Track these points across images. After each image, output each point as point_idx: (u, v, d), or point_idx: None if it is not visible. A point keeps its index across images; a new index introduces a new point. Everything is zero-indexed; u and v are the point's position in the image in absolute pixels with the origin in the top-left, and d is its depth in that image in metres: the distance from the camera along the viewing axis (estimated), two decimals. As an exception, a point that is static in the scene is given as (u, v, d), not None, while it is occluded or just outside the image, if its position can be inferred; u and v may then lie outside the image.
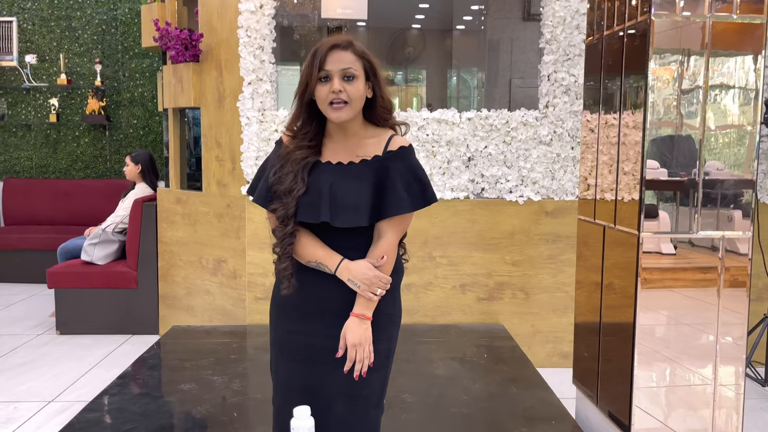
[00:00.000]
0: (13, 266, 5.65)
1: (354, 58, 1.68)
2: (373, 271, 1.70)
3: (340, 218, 1.69)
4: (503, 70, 6.07)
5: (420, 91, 7.00)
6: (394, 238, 1.73)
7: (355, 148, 1.75)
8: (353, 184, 1.71)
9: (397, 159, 1.71)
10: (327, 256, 1.73)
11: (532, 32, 5.99)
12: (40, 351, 3.89)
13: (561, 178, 3.59)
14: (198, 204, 3.88)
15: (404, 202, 1.69)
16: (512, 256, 3.64)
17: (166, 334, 3.47)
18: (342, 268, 1.71)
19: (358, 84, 1.67)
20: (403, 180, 1.69)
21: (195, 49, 3.74)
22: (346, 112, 1.68)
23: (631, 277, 2.40)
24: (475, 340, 3.48)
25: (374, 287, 1.70)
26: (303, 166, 1.72)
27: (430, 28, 6.57)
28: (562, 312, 3.66)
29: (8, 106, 6.17)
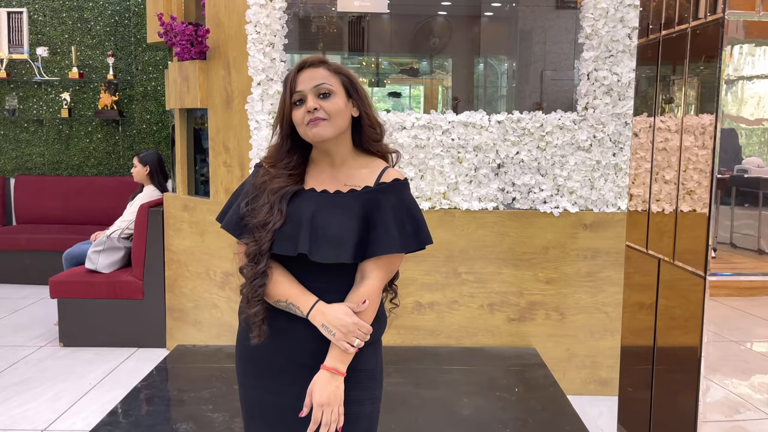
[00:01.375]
0: (23, 267, 5.47)
1: (327, 73, 1.50)
2: (351, 317, 1.46)
3: (321, 252, 1.45)
4: (535, 61, 5.70)
5: (445, 81, 6.65)
6: (378, 281, 1.49)
7: (344, 178, 1.53)
8: (338, 215, 1.47)
9: (390, 192, 1.50)
10: (299, 295, 1.48)
11: (565, 21, 5.61)
12: (40, 366, 3.68)
13: (601, 187, 3.24)
14: (205, 212, 3.62)
15: (394, 241, 1.46)
16: (546, 273, 3.31)
17: (169, 356, 3.22)
18: (316, 311, 1.47)
19: (336, 99, 1.48)
20: (396, 216, 1.49)
21: (201, 45, 3.45)
22: (324, 128, 1.47)
23: (693, 307, 2.07)
24: (505, 365, 3.17)
25: (351, 336, 1.45)
26: (281, 196, 1.49)
27: (457, 15, 6.21)
28: (601, 335, 3.33)
29: (19, 100, 5.98)
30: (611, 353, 3.32)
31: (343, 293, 1.51)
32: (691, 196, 2.31)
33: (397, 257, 1.53)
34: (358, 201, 1.49)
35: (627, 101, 3.19)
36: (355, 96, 1.54)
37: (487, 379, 3.07)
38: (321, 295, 1.50)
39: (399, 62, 6.57)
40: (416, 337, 3.35)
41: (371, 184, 1.52)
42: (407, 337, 3.35)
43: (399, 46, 6.28)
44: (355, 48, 5.98)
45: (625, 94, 3.19)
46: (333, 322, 1.45)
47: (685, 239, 2.15)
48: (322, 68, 1.50)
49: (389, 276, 1.54)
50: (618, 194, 3.25)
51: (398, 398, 2.78)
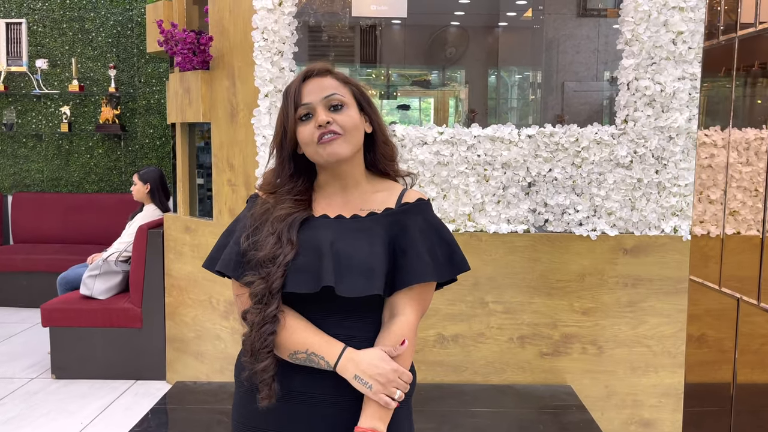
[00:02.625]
0: (19, 289, 5.20)
1: (337, 83, 1.27)
2: (389, 363, 1.19)
3: (348, 284, 1.18)
4: (555, 72, 5.43)
5: (460, 93, 6.38)
6: (414, 317, 1.24)
7: (359, 203, 1.28)
8: (362, 241, 1.22)
9: (415, 213, 1.29)
10: (323, 343, 1.20)
11: (588, 30, 5.36)
12: (30, 402, 3.39)
13: (643, 208, 2.94)
14: (208, 234, 3.33)
15: (428, 267, 1.22)
16: (582, 303, 3.00)
17: (167, 395, 2.92)
18: (345, 359, 1.19)
19: (351, 112, 1.24)
20: (426, 240, 1.27)
21: (204, 54, 3.19)
22: (340, 145, 1.24)
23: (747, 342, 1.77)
24: (537, 406, 2.85)
25: (391, 387, 1.18)
26: (289, 224, 1.23)
27: (473, 24, 5.95)
28: (643, 371, 3.01)
29: (18, 114, 5.74)
30: (654, 391, 3.00)
31: (370, 339, 1.25)
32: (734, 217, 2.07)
33: (429, 288, 1.28)
34: (381, 225, 1.25)
35: (671, 113, 2.89)
36: (367, 109, 1.30)
37: (517, 421, 2.76)
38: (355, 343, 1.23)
39: (410, 74, 6.32)
40: (438, 373, 3.04)
41: (392, 206, 1.28)
42: (428, 373, 3.04)
43: (413, 57, 6.03)
44: (368, 59, 5.72)
45: (669, 106, 2.89)
46: (368, 371, 1.18)
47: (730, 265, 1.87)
48: (330, 77, 1.27)
49: (424, 310, 1.29)
50: (661, 215, 2.95)
51: (422, 447, 2.47)
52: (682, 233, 2.93)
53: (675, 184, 2.92)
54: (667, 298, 2.96)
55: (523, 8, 5.81)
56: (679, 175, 2.91)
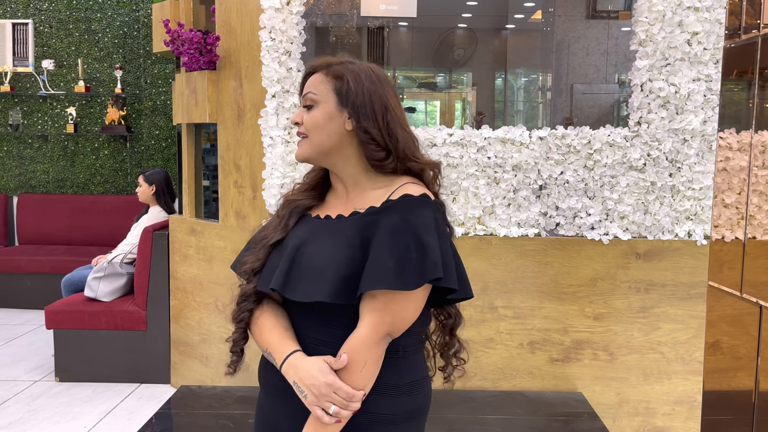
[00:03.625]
0: (23, 291, 5.17)
1: (321, 79, 1.22)
2: (326, 376, 1.11)
3: (297, 288, 1.14)
4: (564, 74, 5.38)
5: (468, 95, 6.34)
6: (371, 329, 1.13)
7: (356, 202, 1.22)
8: (327, 244, 1.16)
9: (393, 212, 1.15)
10: (279, 343, 1.18)
11: (597, 31, 5.31)
12: (32, 405, 3.35)
13: (656, 212, 2.88)
14: (214, 237, 3.29)
15: (386, 274, 1.09)
16: (594, 308, 2.94)
17: (171, 399, 2.88)
18: (288, 363, 1.16)
19: (316, 112, 1.20)
20: (396, 243, 1.12)
21: (211, 54, 3.15)
22: (302, 146, 1.25)
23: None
24: (548, 413, 2.80)
25: (324, 401, 1.11)
26: (291, 210, 1.25)
27: (481, 26, 5.91)
28: (656, 378, 2.95)
29: (23, 115, 5.72)
30: (667, 399, 2.95)
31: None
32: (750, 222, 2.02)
33: (401, 299, 1.14)
34: (357, 225, 1.17)
35: (686, 115, 2.84)
36: (350, 108, 1.21)
37: (527, 429, 2.71)
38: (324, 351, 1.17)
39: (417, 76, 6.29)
40: (447, 378, 2.99)
41: (377, 204, 1.19)
42: (437, 379, 2.98)
43: (420, 59, 5.99)
44: (375, 60, 5.68)
45: (684, 108, 2.84)
46: (305, 380, 1.14)
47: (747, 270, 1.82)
48: (319, 73, 1.24)
49: (392, 324, 1.15)
50: (675, 219, 2.89)
51: (430, 455, 2.42)
52: (697, 237, 2.87)
53: (689, 188, 2.86)
54: (681, 303, 2.90)
55: (532, 10, 5.76)
56: (693, 179, 2.85)
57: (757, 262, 2.06)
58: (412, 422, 1.27)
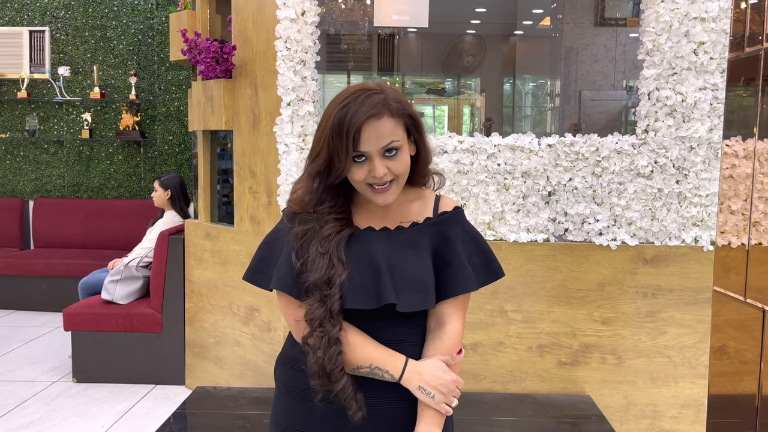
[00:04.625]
0: (39, 294, 5.27)
1: (393, 123, 1.23)
2: (449, 374, 1.25)
3: (405, 299, 1.23)
4: (572, 81, 5.44)
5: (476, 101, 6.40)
6: (461, 325, 1.30)
7: (397, 214, 1.31)
8: (411, 255, 1.26)
9: (455, 222, 1.34)
10: (386, 356, 1.25)
11: (606, 39, 5.36)
12: (51, 405, 3.43)
13: (664, 218, 2.94)
14: (229, 241, 3.37)
15: (471, 278, 1.27)
16: (602, 313, 3.00)
17: (187, 400, 2.95)
18: (410, 371, 1.24)
19: (403, 156, 1.25)
20: (466, 249, 1.33)
21: (227, 63, 3.23)
22: (393, 193, 1.27)
23: None
24: (556, 415, 2.85)
25: (451, 396, 1.24)
26: (337, 243, 1.25)
27: (490, 33, 5.97)
28: (663, 381, 3.00)
29: (40, 121, 5.83)
30: (675, 402, 2.99)
31: (418, 343, 1.31)
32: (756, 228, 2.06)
33: (469, 295, 1.33)
34: (425, 235, 1.30)
35: (692, 123, 2.89)
36: (415, 134, 1.31)
37: (536, 431, 2.76)
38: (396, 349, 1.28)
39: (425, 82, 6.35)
40: (457, 381, 3.05)
41: (431, 215, 1.32)
42: (447, 381, 3.05)
43: (430, 66, 6.06)
44: (385, 67, 5.76)
45: (690, 116, 2.89)
46: (431, 382, 1.24)
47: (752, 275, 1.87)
48: (386, 117, 1.22)
49: (465, 318, 1.34)
50: (682, 225, 2.94)
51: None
52: (703, 243, 2.92)
53: (696, 194, 2.91)
54: (688, 308, 2.95)
55: (540, 17, 5.82)
56: (700, 185, 2.90)
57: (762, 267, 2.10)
58: None
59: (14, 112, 5.84)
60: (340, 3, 4.40)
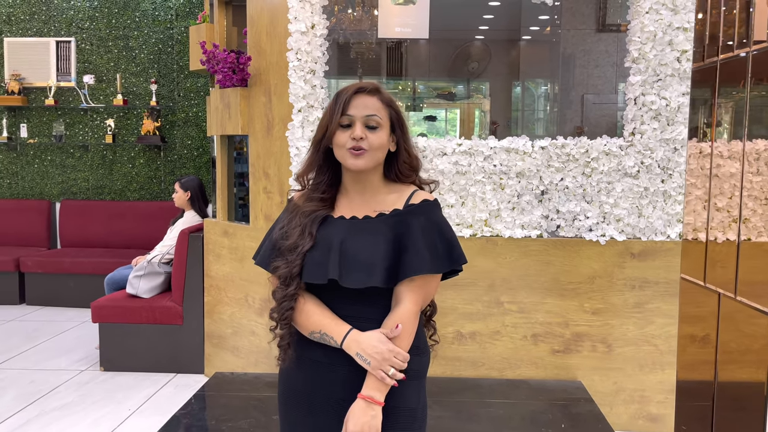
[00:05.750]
0: (66, 290, 5.56)
1: (380, 105, 1.50)
2: (385, 344, 1.43)
3: (351, 277, 1.44)
4: (576, 85, 5.62)
5: (483, 105, 6.60)
6: (412, 305, 1.46)
7: (373, 204, 1.52)
8: (367, 240, 1.46)
9: (419, 213, 1.50)
10: (333, 325, 1.46)
11: (607, 44, 5.54)
12: (80, 391, 3.70)
13: (650, 215, 3.14)
14: (245, 238, 3.61)
15: (424, 262, 1.44)
16: (592, 304, 3.20)
17: (207, 384, 3.20)
18: (349, 339, 1.44)
19: (381, 134, 1.48)
20: (426, 237, 1.47)
21: (243, 72, 3.48)
22: (364, 160, 1.48)
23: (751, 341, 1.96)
24: (549, 399, 3.06)
25: (386, 364, 1.42)
26: (312, 219, 1.50)
27: (496, 39, 6.18)
28: (650, 368, 3.19)
29: (66, 126, 6.13)
30: (661, 388, 3.18)
31: (378, 321, 1.49)
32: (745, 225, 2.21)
33: (431, 280, 1.50)
34: (388, 224, 1.49)
35: (676, 126, 3.09)
36: (398, 131, 1.54)
37: (530, 413, 2.97)
38: (355, 324, 1.47)
39: (436, 86, 6.56)
40: (457, 368, 3.27)
41: (400, 207, 1.51)
42: (447, 368, 3.27)
43: (437, 71, 6.27)
44: (393, 73, 5.99)
45: (674, 119, 3.10)
46: (367, 350, 1.43)
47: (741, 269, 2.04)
48: (376, 98, 1.50)
49: (425, 300, 1.51)
50: (667, 222, 3.14)
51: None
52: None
53: (680, 193, 3.11)
54: (673, 299, 3.14)
55: (544, 24, 6.00)
56: (683, 184, 3.10)
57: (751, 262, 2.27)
58: (424, 378, 1.58)
59: (42, 119, 6.15)
60: (349, 14, 4.64)
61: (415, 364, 1.49)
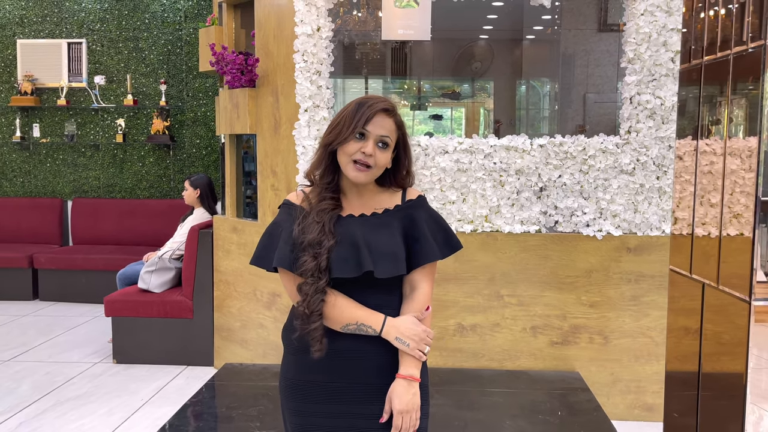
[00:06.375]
0: (79, 286, 5.69)
1: (394, 127, 1.61)
2: (419, 325, 1.58)
3: (381, 268, 1.55)
4: (577, 84, 5.71)
5: (487, 104, 6.70)
6: (430, 288, 1.64)
7: (371, 203, 1.66)
8: (384, 233, 1.60)
9: (419, 207, 1.66)
10: (368, 315, 1.57)
11: (608, 44, 5.62)
12: (94, 383, 3.82)
13: (645, 210, 3.23)
14: (253, 234, 3.73)
15: (435, 250, 1.61)
16: (589, 297, 3.30)
17: (217, 374, 3.32)
18: (388, 326, 1.57)
19: (387, 154, 1.61)
20: (430, 227, 1.64)
21: (251, 74, 3.59)
22: (365, 176, 1.59)
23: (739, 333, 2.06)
24: (548, 389, 3.16)
25: (423, 344, 1.58)
26: (330, 217, 1.58)
27: (499, 39, 6.27)
28: (646, 359, 3.29)
29: (78, 126, 6.27)
30: (657, 378, 3.28)
31: (395, 307, 1.63)
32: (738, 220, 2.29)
33: (435, 264, 1.67)
34: (395, 218, 1.62)
35: (671, 125, 3.19)
36: (401, 151, 1.66)
37: (529, 403, 3.07)
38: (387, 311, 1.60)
39: (440, 85, 6.65)
40: (458, 359, 3.37)
41: (399, 203, 1.66)
42: (449, 359, 3.37)
43: (441, 71, 6.37)
44: (398, 73, 6.10)
45: (669, 118, 3.19)
46: (406, 333, 1.56)
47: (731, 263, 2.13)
48: (393, 120, 1.60)
49: (433, 283, 1.67)
50: (662, 218, 3.24)
51: (440, 420, 2.81)
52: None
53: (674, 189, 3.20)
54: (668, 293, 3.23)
55: (547, 24, 6.08)
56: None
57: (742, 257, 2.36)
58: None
59: (54, 119, 6.29)
60: (354, 15, 4.74)
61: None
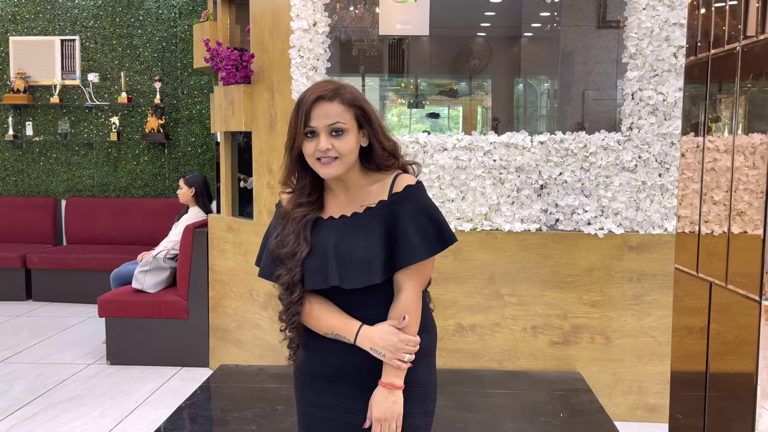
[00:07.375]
0: (72, 286, 5.62)
1: (342, 109, 1.47)
2: (396, 335, 1.49)
3: (351, 279, 1.48)
4: (576, 81, 5.66)
5: (485, 101, 6.64)
6: (414, 291, 1.52)
7: (359, 198, 1.54)
8: (360, 238, 1.49)
9: (404, 201, 1.51)
10: (343, 324, 1.52)
11: (607, 41, 5.57)
12: (87, 384, 3.76)
13: (647, 208, 3.18)
14: (249, 233, 3.67)
15: (418, 249, 1.48)
16: (591, 296, 3.25)
17: (212, 376, 3.26)
18: (361, 336, 1.50)
19: (348, 138, 1.47)
20: (415, 223, 1.50)
21: (246, 69, 3.53)
22: (335, 168, 1.48)
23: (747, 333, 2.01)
24: (548, 390, 3.11)
25: (401, 353, 1.49)
26: (304, 224, 1.52)
27: (497, 36, 6.22)
28: (648, 359, 3.24)
29: (71, 124, 6.19)
30: (659, 378, 3.23)
31: (384, 306, 1.54)
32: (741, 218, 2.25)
33: (426, 263, 1.54)
34: (376, 217, 1.51)
35: (673, 121, 3.14)
36: (366, 127, 1.52)
37: (530, 404, 3.02)
38: (365, 312, 1.52)
39: (438, 83, 6.60)
40: (458, 359, 3.32)
41: (385, 198, 1.53)
42: (448, 359, 3.32)
43: (439, 68, 6.32)
44: (395, 70, 6.04)
45: (671, 114, 3.14)
46: (380, 344, 1.49)
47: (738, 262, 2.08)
48: (337, 102, 1.46)
49: (424, 282, 1.56)
50: (664, 215, 3.19)
51: (440, 421, 2.75)
52: (684, 232, 3.16)
53: (677, 187, 3.15)
54: (670, 291, 3.17)
55: (545, 20, 6.04)
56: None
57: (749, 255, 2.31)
58: (434, 354, 1.64)
59: (47, 117, 6.21)
60: (351, 11, 4.69)
61: (424, 342, 1.55)
